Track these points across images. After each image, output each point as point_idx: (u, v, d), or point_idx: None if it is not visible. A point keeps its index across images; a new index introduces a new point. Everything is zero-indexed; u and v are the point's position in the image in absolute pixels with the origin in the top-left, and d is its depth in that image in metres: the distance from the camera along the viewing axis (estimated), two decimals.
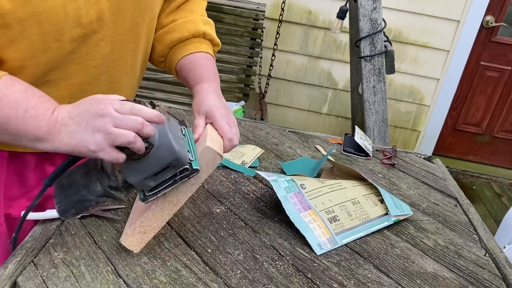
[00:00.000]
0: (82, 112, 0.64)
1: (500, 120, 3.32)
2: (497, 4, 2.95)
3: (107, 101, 0.65)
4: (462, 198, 1.18)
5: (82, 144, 0.64)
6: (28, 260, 0.72)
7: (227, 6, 2.61)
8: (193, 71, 0.92)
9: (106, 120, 0.63)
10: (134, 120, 0.63)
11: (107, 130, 0.63)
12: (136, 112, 0.65)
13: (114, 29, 0.76)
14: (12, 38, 0.66)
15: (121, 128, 0.63)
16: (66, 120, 0.64)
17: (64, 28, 0.69)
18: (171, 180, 0.70)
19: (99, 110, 0.63)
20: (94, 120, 0.63)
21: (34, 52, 0.69)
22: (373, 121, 2.06)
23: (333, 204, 0.94)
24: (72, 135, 0.64)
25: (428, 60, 3.01)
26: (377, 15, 1.94)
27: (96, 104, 0.64)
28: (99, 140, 0.63)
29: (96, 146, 0.63)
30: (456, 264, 0.89)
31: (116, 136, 0.63)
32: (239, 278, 0.75)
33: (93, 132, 0.63)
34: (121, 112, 0.64)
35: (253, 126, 1.40)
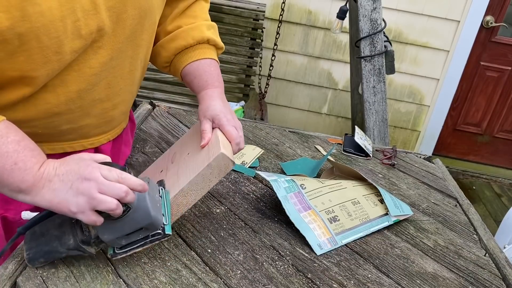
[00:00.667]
0: (69, 171, 0.65)
1: (500, 120, 3.32)
2: (497, 4, 2.95)
3: (95, 165, 0.66)
4: (462, 198, 1.18)
5: (63, 204, 0.65)
6: None
7: (227, 6, 2.61)
8: (197, 78, 0.94)
9: (92, 184, 0.64)
10: (118, 189, 0.65)
11: (91, 194, 0.64)
12: (122, 180, 0.66)
13: (114, 37, 0.76)
14: (11, 51, 0.65)
15: (105, 194, 0.64)
16: (51, 176, 0.65)
17: (63, 41, 0.68)
18: (142, 241, 0.71)
19: (87, 174, 0.64)
20: (79, 183, 0.64)
21: (34, 65, 0.68)
22: (373, 121, 2.06)
23: (333, 204, 0.94)
24: (55, 193, 0.65)
25: (428, 60, 3.01)
26: (377, 15, 1.94)
27: (84, 166, 0.65)
28: (81, 203, 0.64)
29: (77, 208, 0.65)
30: (456, 264, 0.89)
31: (99, 202, 0.64)
32: (239, 278, 0.75)
33: (77, 194, 0.64)
34: (107, 178, 0.65)
35: (253, 126, 1.40)
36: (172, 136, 1.22)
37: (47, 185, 0.65)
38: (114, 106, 0.86)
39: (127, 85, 0.87)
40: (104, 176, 0.65)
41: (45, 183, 0.65)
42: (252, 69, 2.73)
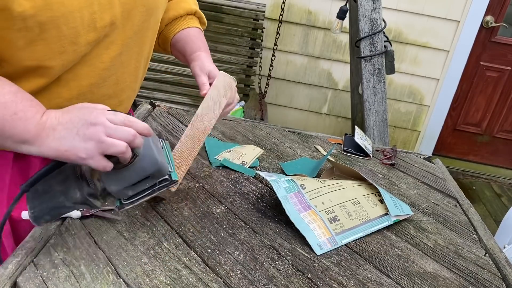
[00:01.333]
0: (73, 118, 0.65)
1: (500, 120, 3.32)
2: (497, 4, 2.95)
3: (99, 110, 0.66)
4: (462, 198, 1.18)
5: (72, 151, 0.64)
6: (28, 260, 0.72)
7: (227, 6, 2.61)
8: (190, 43, 1.01)
9: (99, 128, 0.64)
10: (127, 132, 0.65)
11: (99, 138, 0.64)
12: (129, 123, 0.66)
13: (123, 33, 0.79)
14: (30, 40, 0.67)
15: (113, 138, 0.64)
16: (55, 125, 0.64)
17: (80, 32, 0.71)
18: (149, 189, 0.71)
19: (92, 119, 0.64)
20: (86, 128, 0.64)
21: (51, 54, 0.70)
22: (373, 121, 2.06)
23: (333, 204, 0.94)
24: (61, 141, 0.64)
25: (428, 60, 3.01)
26: (377, 15, 1.94)
27: (88, 112, 0.65)
28: (90, 148, 0.64)
29: (87, 154, 0.64)
30: (456, 264, 0.89)
31: (108, 146, 0.64)
32: (239, 278, 0.75)
33: (84, 139, 0.64)
34: (114, 122, 0.65)
35: (253, 126, 1.40)
36: (172, 136, 1.22)
37: (52, 134, 0.64)
38: (120, 103, 0.89)
39: (132, 82, 0.90)
40: (110, 120, 0.65)
41: (49, 132, 0.64)
42: (252, 69, 2.73)
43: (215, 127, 1.34)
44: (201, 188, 1.00)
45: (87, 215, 0.84)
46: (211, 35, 2.64)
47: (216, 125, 1.36)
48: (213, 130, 1.32)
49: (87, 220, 0.83)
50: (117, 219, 0.84)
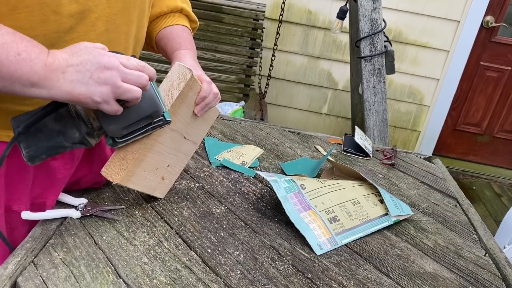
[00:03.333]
0: (84, 61, 0.63)
1: (500, 120, 3.32)
2: (497, 4, 2.95)
3: (110, 53, 0.65)
4: (462, 198, 1.18)
5: (86, 94, 0.64)
6: (28, 260, 0.72)
7: (227, 6, 2.61)
8: (171, 41, 0.99)
9: (114, 73, 0.64)
10: (141, 77, 0.66)
11: (115, 83, 0.64)
12: (142, 68, 0.67)
13: (108, 8, 0.79)
14: (12, 6, 0.67)
15: (129, 83, 0.65)
16: (64, 67, 0.63)
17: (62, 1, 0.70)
18: (143, 129, 0.73)
19: (106, 62, 0.64)
20: (100, 72, 0.63)
21: (33, 23, 0.70)
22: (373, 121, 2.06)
23: (333, 204, 0.94)
24: (74, 85, 0.63)
25: (428, 60, 3.01)
26: (377, 15, 1.94)
27: (99, 55, 0.64)
28: (106, 93, 0.64)
29: (102, 98, 0.64)
30: (456, 264, 0.89)
31: (125, 91, 0.65)
32: (239, 278, 0.75)
33: (99, 84, 0.63)
34: (128, 67, 0.65)
35: (253, 126, 1.40)
36: None
37: (62, 77, 0.63)
38: None
39: None
40: (124, 65, 0.65)
41: (59, 75, 0.63)
42: (252, 69, 2.73)
43: (214, 127, 1.34)
44: (201, 188, 1.00)
45: (87, 215, 0.84)
46: (211, 35, 2.64)
47: (216, 124, 1.36)
48: (213, 130, 1.32)
49: (87, 220, 0.83)
50: (117, 219, 0.84)
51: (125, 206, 0.89)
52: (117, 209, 0.88)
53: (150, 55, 2.48)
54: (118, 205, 0.89)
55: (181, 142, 0.89)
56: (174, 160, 0.90)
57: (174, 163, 0.91)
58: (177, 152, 0.90)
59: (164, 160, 0.86)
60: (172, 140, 0.85)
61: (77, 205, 0.86)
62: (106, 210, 0.86)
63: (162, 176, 0.88)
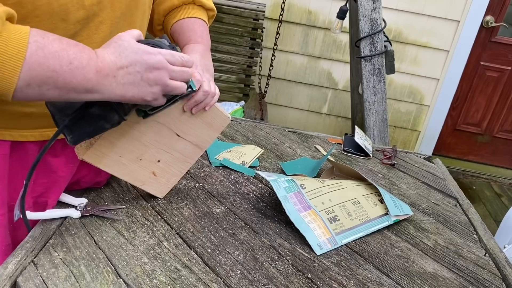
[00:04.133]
0: (133, 63, 0.65)
1: (500, 120, 3.32)
2: (497, 4, 2.95)
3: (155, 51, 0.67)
4: (462, 198, 1.18)
5: (138, 95, 0.67)
6: (28, 260, 0.72)
7: (227, 6, 2.61)
8: (181, 35, 0.99)
9: (163, 73, 0.67)
10: (186, 73, 0.70)
11: (165, 83, 0.68)
12: (186, 63, 0.71)
13: (112, 12, 0.79)
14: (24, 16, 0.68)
15: (176, 80, 0.69)
16: (114, 70, 0.65)
17: (69, 9, 0.72)
18: (172, 100, 0.74)
19: (155, 63, 0.66)
20: (150, 72, 0.66)
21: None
22: (373, 121, 2.06)
23: (333, 204, 0.94)
24: (127, 88, 0.66)
25: (428, 60, 3.01)
26: (377, 15, 1.94)
27: (146, 54, 0.66)
28: (156, 92, 0.68)
29: (153, 97, 0.68)
30: (456, 264, 0.89)
31: (173, 88, 0.69)
32: (239, 278, 0.75)
33: (150, 84, 0.67)
34: (174, 64, 0.69)
35: (253, 126, 1.40)
36: None
37: (114, 81, 0.65)
38: None
39: None
40: (170, 62, 0.68)
41: (111, 80, 0.64)
42: (252, 69, 2.73)
43: None
44: (201, 188, 1.00)
45: (87, 215, 0.84)
46: (211, 35, 2.62)
47: None
48: None
49: (87, 220, 0.83)
50: (117, 219, 0.84)
51: (125, 206, 0.89)
52: (117, 209, 0.88)
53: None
54: (118, 205, 0.89)
55: (172, 139, 0.87)
56: (167, 158, 0.89)
57: (169, 162, 0.89)
58: (170, 149, 0.88)
59: (149, 152, 0.85)
60: (156, 133, 0.84)
61: (77, 205, 0.86)
62: (106, 210, 0.86)
63: (152, 171, 0.88)
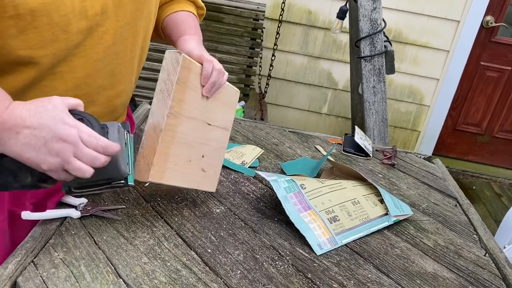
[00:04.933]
0: (42, 126, 0.60)
1: (500, 120, 3.32)
2: (497, 4, 2.95)
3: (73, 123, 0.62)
4: (462, 198, 1.18)
5: (33, 160, 0.61)
6: (28, 260, 0.72)
7: (227, 6, 2.61)
8: (175, 28, 0.98)
9: (68, 147, 0.61)
10: (96, 158, 0.63)
11: (66, 158, 0.61)
12: (101, 149, 0.63)
13: (116, 22, 0.79)
14: (22, 28, 0.67)
15: (81, 160, 0.62)
16: (19, 127, 0.60)
17: (71, 20, 0.70)
18: (101, 186, 0.71)
19: (64, 135, 0.61)
20: (54, 142, 0.61)
21: (43, 43, 0.70)
22: (373, 121, 2.06)
23: (333, 204, 0.94)
24: (25, 148, 0.60)
25: (428, 60, 3.01)
26: (377, 15, 1.94)
27: (61, 123, 0.61)
28: (54, 163, 0.62)
29: (49, 168, 0.62)
30: (456, 264, 0.89)
31: (74, 168, 0.62)
32: (239, 278, 0.75)
33: (50, 153, 0.61)
34: (86, 144, 0.62)
35: (253, 126, 1.40)
36: None
37: (15, 137, 0.60)
38: (117, 95, 0.89)
39: (128, 73, 0.89)
40: (83, 141, 0.62)
41: (12, 135, 0.60)
42: (252, 69, 2.73)
43: None
44: None
45: (87, 215, 0.84)
46: (211, 35, 2.64)
47: None
48: None
49: (87, 220, 0.83)
50: (117, 219, 0.84)
51: (125, 206, 0.89)
52: (117, 209, 0.88)
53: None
54: (118, 205, 0.89)
55: (206, 130, 0.86)
56: (208, 150, 0.88)
57: (211, 153, 0.89)
58: (208, 140, 0.87)
59: (195, 151, 0.84)
60: (194, 128, 0.83)
61: (77, 205, 0.86)
62: (106, 210, 0.86)
63: (201, 168, 0.87)
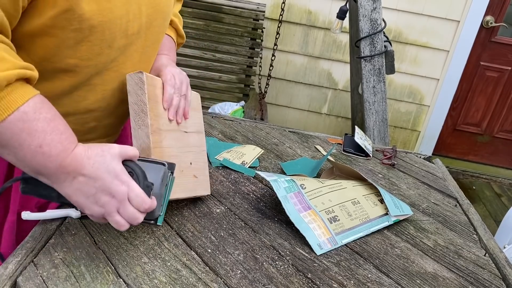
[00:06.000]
0: (97, 178, 0.65)
1: (500, 120, 3.32)
2: (497, 4, 2.95)
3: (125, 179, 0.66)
4: (462, 198, 1.18)
5: (80, 205, 0.67)
6: (28, 260, 0.72)
7: (227, 6, 2.61)
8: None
9: (114, 203, 0.66)
10: (135, 218, 0.67)
11: (109, 211, 0.66)
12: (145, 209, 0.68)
13: (145, 41, 0.83)
14: (79, 40, 0.71)
15: (121, 216, 0.67)
16: (76, 173, 0.64)
17: (116, 37, 0.75)
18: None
19: (114, 191, 0.65)
20: (103, 195, 0.65)
21: (91, 55, 0.74)
22: (373, 121, 2.06)
23: (333, 204, 0.94)
24: (76, 193, 0.65)
25: (428, 60, 3.01)
26: (377, 15, 1.94)
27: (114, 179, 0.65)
28: (96, 212, 0.67)
29: (91, 214, 0.67)
30: (456, 264, 0.89)
31: (113, 221, 0.67)
32: (239, 278, 0.75)
33: (96, 203, 0.66)
34: (131, 202, 0.67)
35: (253, 126, 1.40)
36: None
37: (70, 181, 0.65)
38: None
39: None
40: (130, 199, 0.66)
41: (67, 178, 0.64)
42: (252, 69, 2.73)
43: (214, 127, 1.34)
44: None
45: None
46: (211, 35, 2.64)
47: (216, 125, 1.36)
48: (213, 130, 1.32)
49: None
50: None
51: None
52: None
53: None
54: None
55: (185, 138, 0.90)
56: (193, 156, 0.92)
57: (195, 158, 0.92)
58: (189, 147, 0.91)
59: (183, 160, 0.88)
60: (176, 139, 0.86)
61: None
62: None
63: (193, 174, 0.90)
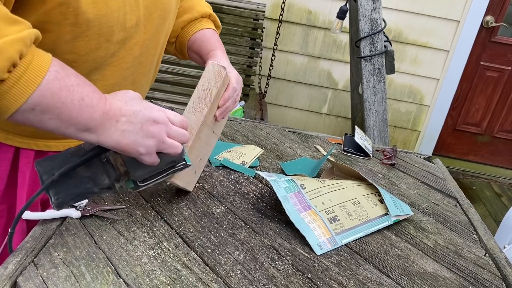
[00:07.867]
0: (136, 112, 0.66)
1: (500, 120, 3.32)
2: (497, 4, 2.95)
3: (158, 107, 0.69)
4: (462, 198, 1.18)
5: (132, 145, 0.66)
6: (28, 260, 0.72)
7: (227, 6, 2.61)
8: (205, 43, 1.03)
9: (162, 128, 0.67)
10: (184, 135, 0.70)
11: (161, 138, 0.67)
12: (185, 125, 0.71)
13: (144, 34, 0.83)
14: (76, 35, 0.71)
15: (173, 139, 0.69)
16: (118, 116, 0.64)
17: (114, 31, 0.75)
18: (165, 172, 0.74)
19: (156, 117, 0.67)
20: (149, 125, 0.66)
21: (88, 50, 0.74)
22: (373, 121, 2.06)
23: (333, 204, 0.94)
24: (124, 134, 0.65)
25: (428, 60, 3.01)
26: (377, 15, 1.94)
27: (149, 108, 0.67)
28: (150, 145, 0.67)
29: (146, 150, 0.67)
30: (456, 264, 0.89)
31: (168, 146, 0.68)
32: (239, 278, 0.75)
33: (147, 136, 0.66)
34: (174, 123, 0.69)
35: (253, 126, 1.40)
36: None
37: (114, 125, 0.64)
38: None
39: (145, 83, 0.95)
40: (171, 120, 0.69)
41: (112, 123, 0.64)
42: (252, 69, 2.73)
43: None
44: (201, 188, 1.00)
45: (87, 215, 0.84)
46: None
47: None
48: None
49: (87, 220, 0.83)
50: (117, 219, 0.84)
51: (125, 206, 0.89)
52: (117, 209, 0.88)
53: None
54: (118, 205, 0.89)
55: (210, 137, 0.93)
56: (204, 154, 0.94)
57: (204, 156, 0.95)
58: (207, 146, 0.94)
59: (199, 155, 0.90)
60: (206, 135, 0.89)
61: (77, 205, 0.86)
62: (106, 210, 0.86)
63: (195, 169, 0.92)
